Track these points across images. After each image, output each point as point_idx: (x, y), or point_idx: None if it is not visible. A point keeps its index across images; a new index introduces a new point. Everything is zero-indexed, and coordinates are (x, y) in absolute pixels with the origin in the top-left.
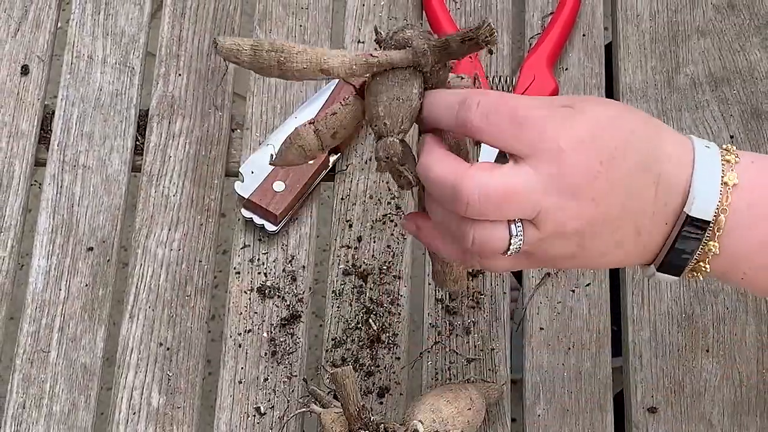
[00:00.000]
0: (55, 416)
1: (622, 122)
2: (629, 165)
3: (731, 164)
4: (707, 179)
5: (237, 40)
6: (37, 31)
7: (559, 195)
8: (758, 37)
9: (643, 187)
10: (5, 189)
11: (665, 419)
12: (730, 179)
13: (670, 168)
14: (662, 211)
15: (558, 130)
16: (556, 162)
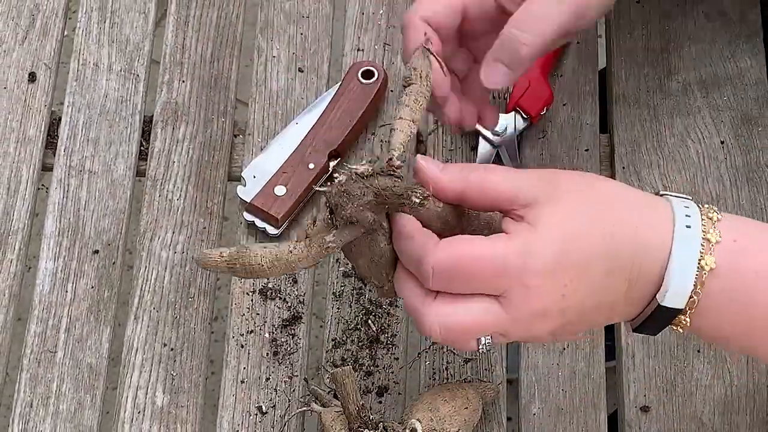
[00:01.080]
0: (61, 415)
1: (593, 230)
2: (599, 271)
3: (711, 244)
4: (682, 271)
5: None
6: (44, 39)
7: (527, 320)
8: (748, 44)
9: (615, 285)
10: (13, 193)
11: (657, 418)
12: (708, 263)
13: (641, 260)
14: (633, 298)
15: (519, 271)
16: (522, 299)
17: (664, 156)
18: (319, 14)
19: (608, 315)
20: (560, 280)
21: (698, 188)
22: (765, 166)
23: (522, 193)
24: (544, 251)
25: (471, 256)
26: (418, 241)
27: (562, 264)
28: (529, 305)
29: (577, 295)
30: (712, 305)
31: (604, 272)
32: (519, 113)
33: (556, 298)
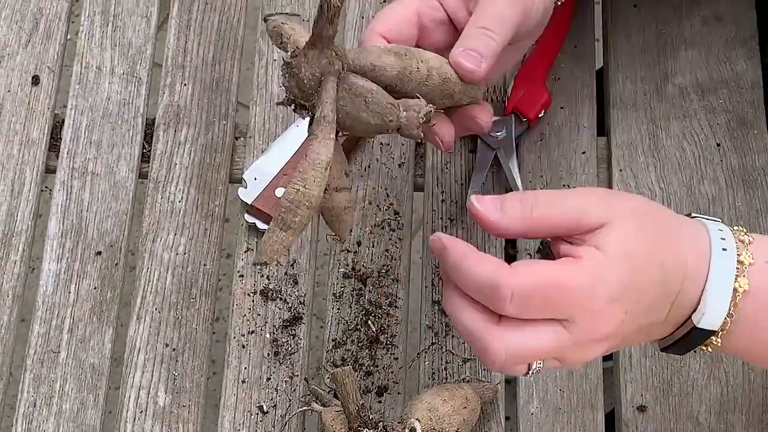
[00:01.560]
0: (64, 414)
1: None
2: (652, 298)
3: (745, 266)
4: (719, 294)
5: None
6: (48, 42)
7: (587, 343)
8: (744, 48)
9: (660, 309)
10: (17, 195)
11: (654, 417)
12: (741, 285)
13: (685, 285)
14: (672, 320)
15: (591, 299)
16: (589, 324)
17: (660, 158)
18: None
19: (646, 337)
20: (623, 306)
21: (694, 190)
22: (761, 169)
23: (584, 220)
24: (613, 278)
25: (555, 283)
26: (490, 266)
27: (627, 290)
28: (594, 330)
29: (632, 321)
30: (745, 326)
31: (654, 299)
32: (517, 116)
33: (618, 324)
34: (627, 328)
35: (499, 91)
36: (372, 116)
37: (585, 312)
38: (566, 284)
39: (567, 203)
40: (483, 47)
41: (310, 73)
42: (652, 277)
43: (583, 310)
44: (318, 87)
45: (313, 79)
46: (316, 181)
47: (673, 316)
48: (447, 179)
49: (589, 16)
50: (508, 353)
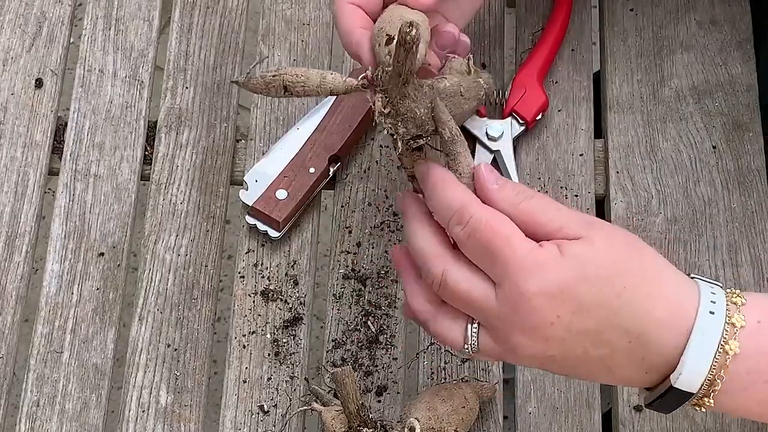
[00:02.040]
0: (67, 414)
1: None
2: (597, 321)
3: (736, 329)
4: (701, 355)
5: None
6: (51, 46)
7: (511, 326)
8: (739, 51)
9: (612, 342)
10: (20, 197)
11: (651, 417)
12: (732, 348)
13: (656, 332)
14: (639, 363)
15: (526, 276)
16: (513, 299)
17: (657, 160)
18: (320, 22)
19: (605, 370)
20: (555, 308)
21: (690, 192)
22: (756, 171)
23: (565, 229)
24: (555, 276)
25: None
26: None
27: (563, 294)
28: (516, 309)
29: (566, 333)
30: (738, 386)
31: (602, 323)
32: (515, 118)
33: (544, 322)
34: (561, 337)
35: (498, 93)
36: (470, 102)
37: (513, 285)
38: (514, 247)
39: (557, 212)
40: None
41: (424, 107)
42: (602, 298)
43: (513, 281)
44: (431, 113)
45: (428, 111)
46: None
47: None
48: None
49: (586, 19)
50: (444, 278)
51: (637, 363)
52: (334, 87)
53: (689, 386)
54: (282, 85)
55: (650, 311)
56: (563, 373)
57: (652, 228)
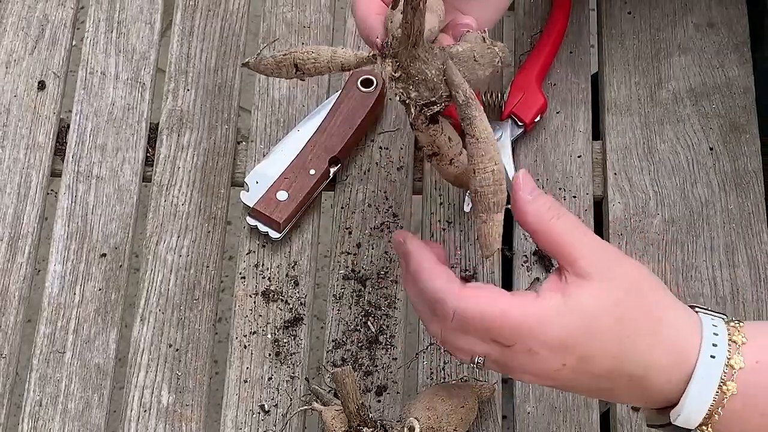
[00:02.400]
0: (69, 413)
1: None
2: (601, 367)
3: (734, 370)
4: (699, 399)
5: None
6: (53, 48)
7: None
8: (736, 54)
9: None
10: (23, 198)
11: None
12: (729, 389)
13: (657, 378)
14: (639, 396)
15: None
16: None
17: (654, 162)
18: (320, 24)
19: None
20: (562, 358)
21: (688, 193)
22: (752, 172)
23: (581, 262)
24: (559, 331)
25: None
26: (440, 282)
27: (567, 348)
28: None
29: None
30: (735, 419)
31: (605, 369)
32: (514, 121)
33: (550, 369)
34: (567, 378)
35: (496, 95)
36: (485, 68)
37: (521, 346)
38: (510, 317)
39: (582, 238)
40: None
41: (436, 69)
42: (605, 350)
43: (520, 343)
44: (443, 75)
45: (440, 73)
46: (498, 152)
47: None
48: (445, 183)
49: (584, 22)
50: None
51: (638, 396)
52: (345, 61)
53: (687, 424)
54: (293, 63)
55: (652, 359)
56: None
57: (650, 229)
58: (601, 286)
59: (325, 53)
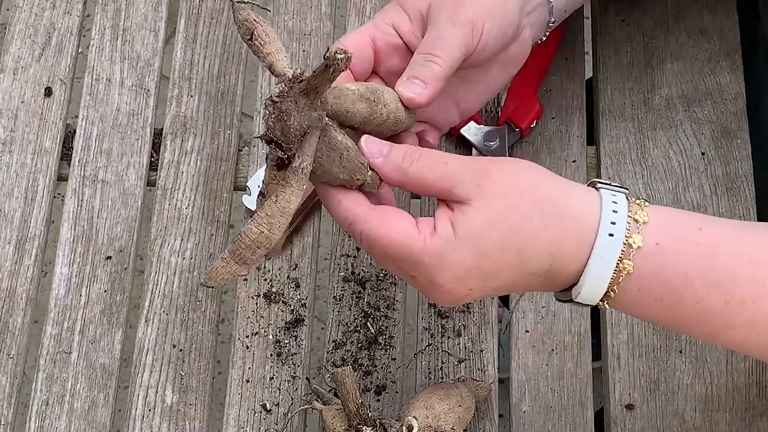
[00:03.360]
0: (76, 412)
1: (507, 245)
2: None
3: (632, 249)
4: (597, 278)
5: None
6: (60, 55)
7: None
8: (727, 61)
9: (527, 283)
10: (30, 202)
11: (641, 415)
12: (626, 267)
13: (559, 266)
14: (547, 286)
15: (430, 270)
16: (429, 286)
17: (647, 167)
18: (320, 32)
19: (524, 287)
20: (466, 284)
21: (680, 197)
22: (743, 176)
23: (455, 190)
24: (457, 262)
25: (395, 242)
26: (351, 204)
27: (470, 274)
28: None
29: (482, 293)
30: (628, 300)
31: (513, 277)
32: (510, 126)
33: (460, 296)
34: (477, 296)
35: (493, 102)
36: (343, 172)
37: (426, 281)
38: (407, 246)
39: (444, 168)
40: (427, 73)
41: (298, 123)
42: (505, 263)
43: (426, 279)
44: (302, 136)
45: (300, 130)
46: (280, 227)
47: (549, 287)
48: None
49: (579, 30)
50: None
51: (545, 286)
52: (274, 66)
53: (588, 300)
54: (250, 31)
55: (554, 252)
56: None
57: None
58: (480, 205)
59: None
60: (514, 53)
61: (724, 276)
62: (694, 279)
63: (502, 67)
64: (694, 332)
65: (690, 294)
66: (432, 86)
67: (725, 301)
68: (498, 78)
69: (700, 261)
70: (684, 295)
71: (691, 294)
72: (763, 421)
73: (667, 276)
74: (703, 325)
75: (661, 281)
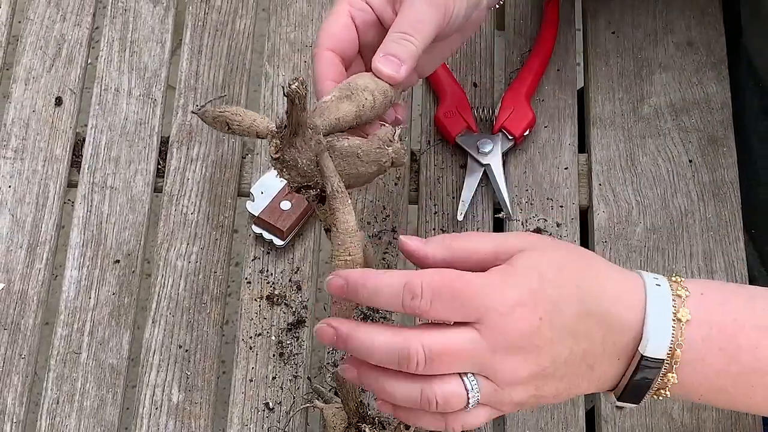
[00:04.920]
0: (85, 411)
1: (564, 276)
2: (571, 313)
3: (682, 299)
4: (659, 319)
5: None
6: (70, 66)
7: (505, 352)
8: (714, 71)
9: (588, 330)
10: (41, 207)
11: (631, 414)
12: (683, 315)
13: (617, 310)
14: (612, 349)
15: (497, 297)
16: (499, 326)
17: (637, 174)
18: None
19: (588, 368)
20: (534, 311)
21: (668, 203)
22: (729, 183)
23: (503, 246)
24: (520, 284)
25: (461, 278)
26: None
27: (536, 297)
28: (506, 332)
29: (551, 332)
30: (697, 356)
31: (575, 314)
32: (504, 134)
33: (530, 329)
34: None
35: (488, 110)
36: (369, 166)
37: (492, 310)
38: (472, 280)
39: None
40: (402, 52)
41: (307, 159)
42: (567, 291)
43: (491, 309)
44: (316, 166)
45: (311, 163)
46: (356, 245)
47: (612, 346)
48: (439, 193)
49: (571, 41)
50: (426, 347)
51: (610, 351)
52: (259, 131)
53: (656, 352)
54: (225, 121)
55: (607, 292)
56: (554, 393)
57: (633, 237)
58: (531, 249)
59: (247, 120)
60: (473, 19)
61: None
62: (744, 323)
63: (462, 33)
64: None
65: (744, 339)
66: (408, 64)
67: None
68: (456, 42)
69: (742, 306)
70: (740, 340)
71: (745, 339)
72: (748, 419)
73: (723, 322)
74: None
75: (718, 328)
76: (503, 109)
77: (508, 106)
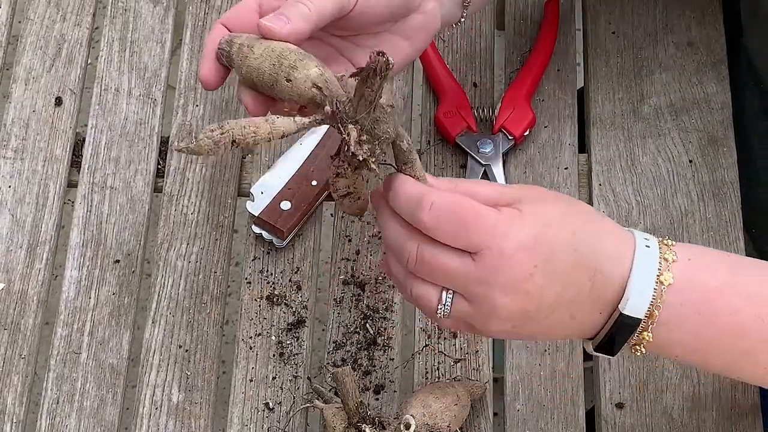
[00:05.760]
0: (85, 411)
1: (564, 223)
2: (566, 262)
3: (669, 263)
4: (643, 281)
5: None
6: (70, 66)
7: (492, 289)
8: (714, 72)
9: (578, 281)
10: (41, 207)
11: (631, 413)
12: (666, 279)
13: (606, 265)
14: (596, 301)
15: (502, 237)
16: (495, 265)
17: (637, 174)
18: None
19: (569, 317)
20: (533, 257)
21: (668, 203)
22: (729, 183)
23: (505, 196)
24: (526, 228)
25: (470, 206)
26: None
27: (538, 243)
28: (499, 270)
29: (544, 279)
30: (673, 318)
31: (569, 263)
32: (504, 134)
33: (525, 275)
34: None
35: (488, 110)
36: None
37: (494, 248)
38: (484, 215)
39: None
40: (294, 12)
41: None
42: (563, 238)
43: (493, 245)
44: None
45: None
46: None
47: (596, 299)
48: None
49: (571, 41)
50: (419, 252)
51: (594, 301)
52: (287, 129)
53: (635, 311)
54: (231, 140)
55: (601, 247)
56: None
57: None
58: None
59: (264, 126)
60: (415, 24)
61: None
62: (725, 291)
63: (405, 37)
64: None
65: (722, 305)
66: (294, 23)
67: (756, 315)
68: (404, 48)
69: (727, 274)
70: (717, 306)
71: (724, 305)
72: (748, 419)
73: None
74: (737, 341)
75: (700, 293)
76: (503, 109)
77: (508, 106)
